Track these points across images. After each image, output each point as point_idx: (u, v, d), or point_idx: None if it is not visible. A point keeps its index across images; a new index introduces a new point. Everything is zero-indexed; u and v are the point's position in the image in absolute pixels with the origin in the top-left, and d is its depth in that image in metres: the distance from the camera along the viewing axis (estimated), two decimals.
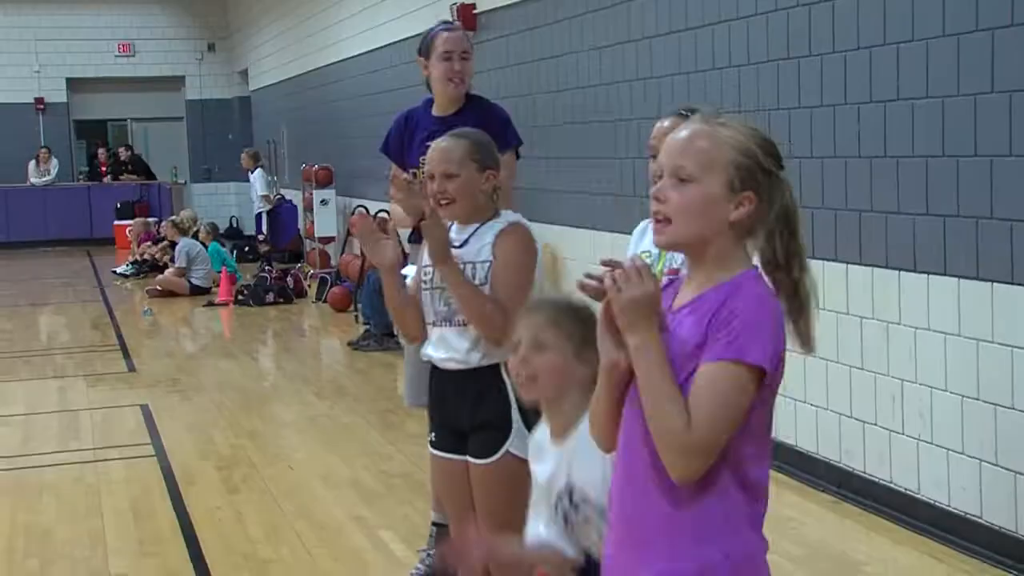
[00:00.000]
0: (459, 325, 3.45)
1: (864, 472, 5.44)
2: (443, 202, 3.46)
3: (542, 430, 2.85)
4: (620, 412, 2.29)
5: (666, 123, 3.38)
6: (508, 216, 3.53)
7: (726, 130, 2.23)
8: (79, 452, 7.06)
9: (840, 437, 5.56)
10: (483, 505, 3.44)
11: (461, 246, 3.47)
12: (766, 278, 2.25)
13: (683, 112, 3.34)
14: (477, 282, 3.42)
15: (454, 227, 3.54)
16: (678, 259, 3.08)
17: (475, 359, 3.45)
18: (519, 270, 3.45)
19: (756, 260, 2.27)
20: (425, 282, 3.51)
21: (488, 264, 3.43)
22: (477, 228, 3.48)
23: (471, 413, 3.47)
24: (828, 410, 5.65)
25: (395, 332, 4.06)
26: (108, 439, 7.36)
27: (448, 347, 3.48)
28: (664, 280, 2.36)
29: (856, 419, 5.46)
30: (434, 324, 3.51)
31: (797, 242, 2.26)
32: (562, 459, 2.71)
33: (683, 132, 2.25)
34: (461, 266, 3.42)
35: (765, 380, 2.16)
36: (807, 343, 2.30)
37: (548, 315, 2.74)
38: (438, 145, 3.53)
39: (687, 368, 2.16)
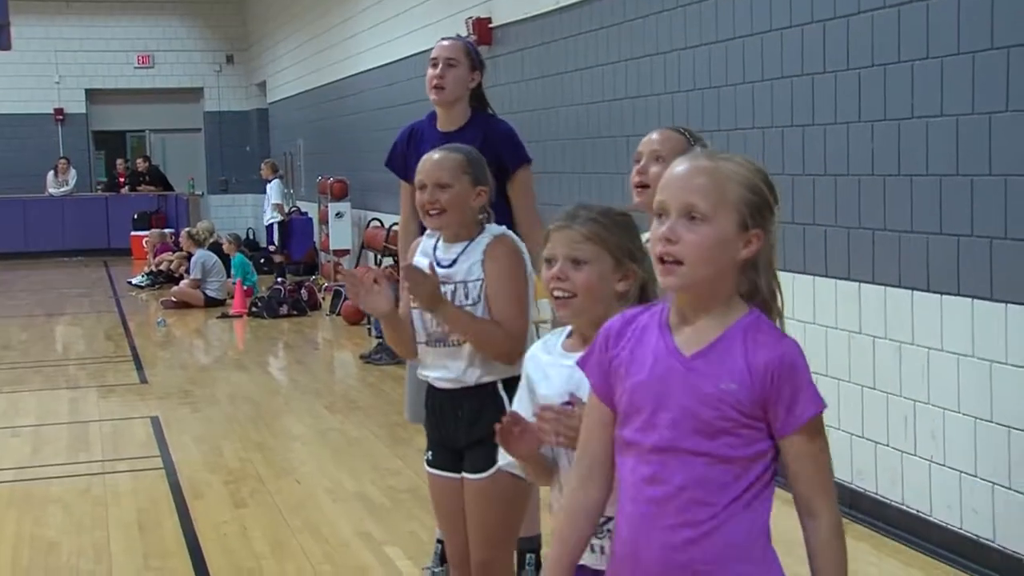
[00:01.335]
0: (453, 345, 3.42)
1: (875, 493, 5.38)
2: (432, 212, 3.44)
3: (547, 345, 2.71)
4: None
5: (655, 135, 3.35)
6: (492, 229, 3.50)
7: (731, 165, 2.16)
8: (87, 464, 7.04)
9: (852, 457, 5.50)
10: (475, 520, 3.41)
11: (450, 266, 3.43)
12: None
13: (678, 130, 3.32)
14: (471, 301, 3.38)
15: (440, 246, 3.50)
16: None
17: (472, 377, 3.42)
18: (512, 282, 3.41)
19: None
20: (415, 301, 3.48)
21: (480, 282, 3.40)
22: (465, 247, 3.45)
23: (467, 431, 3.44)
24: (839, 430, 5.58)
25: None
26: (117, 451, 7.34)
27: (443, 367, 3.45)
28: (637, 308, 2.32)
29: (868, 439, 5.40)
30: (427, 344, 3.48)
31: (775, 274, 2.23)
32: (574, 370, 2.52)
33: (685, 167, 2.16)
34: (452, 287, 3.39)
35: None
36: None
37: (586, 229, 2.58)
38: (430, 156, 3.51)
39: (724, 412, 2.13)
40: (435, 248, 3.51)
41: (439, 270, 3.42)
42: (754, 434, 2.14)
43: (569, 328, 2.69)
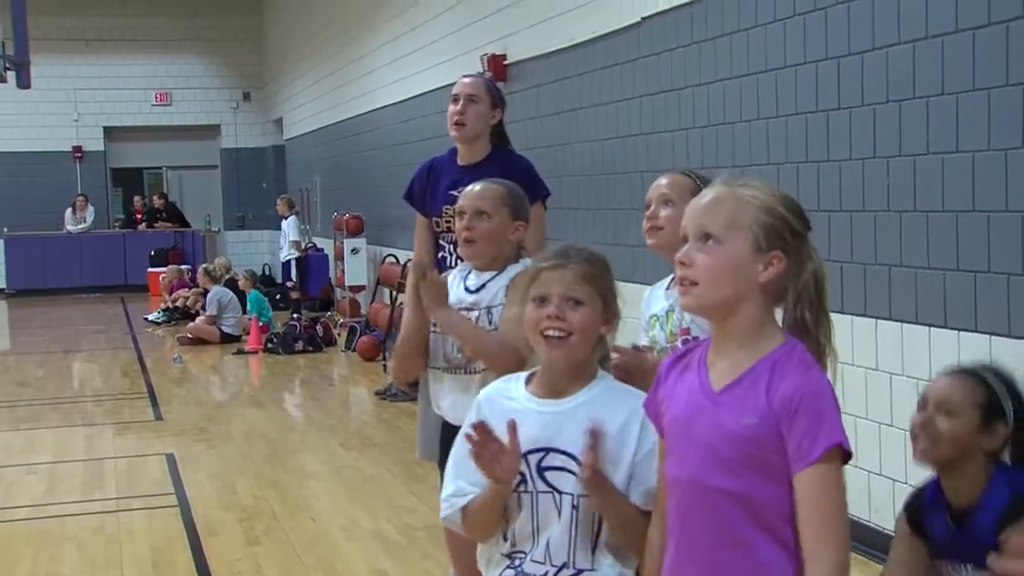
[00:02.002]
0: (472, 373, 3.40)
1: (893, 531, 5.32)
2: (467, 240, 3.43)
3: (506, 390, 2.64)
4: None
5: (663, 180, 3.33)
6: (526, 262, 3.50)
7: (748, 190, 2.19)
8: (102, 502, 7.03)
9: (870, 495, 5.46)
10: None
11: (478, 291, 3.43)
12: None
13: (685, 173, 3.31)
14: (493, 327, 3.37)
15: (472, 275, 3.50)
16: (687, 318, 3.01)
17: None
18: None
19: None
20: (435, 325, 3.47)
21: (502, 307, 3.39)
22: (495, 275, 3.45)
23: None
24: (857, 468, 5.54)
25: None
26: (132, 489, 7.33)
27: (456, 397, 3.43)
28: (678, 343, 2.32)
29: (886, 477, 5.36)
30: (445, 370, 3.46)
31: (824, 308, 2.20)
32: (557, 419, 2.52)
33: (706, 196, 2.20)
34: (477, 312, 3.38)
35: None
36: None
37: (582, 270, 2.57)
38: (474, 186, 3.52)
39: (746, 449, 2.11)
40: (466, 277, 3.50)
41: (467, 296, 3.42)
42: (777, 472, 2.10)
43: (525, 374, 2.64)
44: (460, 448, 2.57)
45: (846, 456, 2.09)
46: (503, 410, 2.57)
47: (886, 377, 5.33)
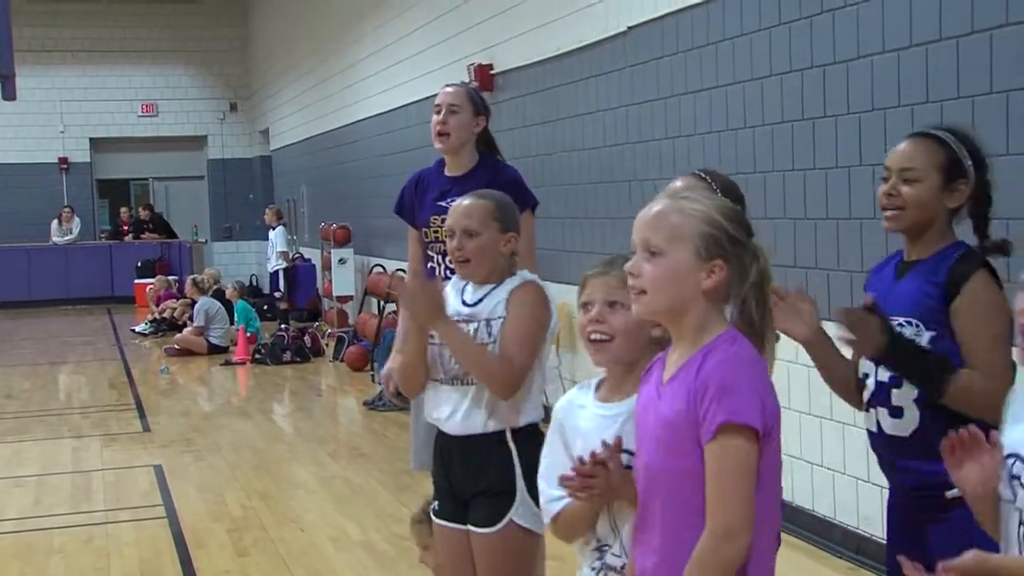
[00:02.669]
0: (469, 384, 3.39)
1: (882, 538, 5.32)
2: (460, 260, 3.44)
3: (579, 395, 2.72)
4: None
5: (678, 183, 3.34)
6: (524, 275, 3.49)
7: (690, 203, 2.33)
8: (90, 514, 7.01)
9: (858, 502, 5.47)
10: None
11: (475, 304, 3.43)
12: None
13: (699, 173, 3.31)
14: (492, 339, 3.36)
15: (469, 287, 3.50)
16: None
17: (479, 422, 3.39)
18: (527, 323, 3.37)
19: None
20: (434, 336, 3.47)
21: (501, 320, 3.38)
22: (494, 288, 3.44)
23: (474, 479, 3.40)
24: (845, 475, 5.56)
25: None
26: (120, 500, 7.31)
27: (453, 408, 3.42)
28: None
29: (874, 484, 5.36)
30: (442, 381, 3.45)
31: (767, 307, 2.36)
32: (617, 421, 2.59)
33: (651, 209, 2.36)
34: (476, 324, 3.38)
35: (761, 438, 2.22)
36: None
37: (622, 276, 2.59)
38: (461, 202, 3.50)
39: (687, 436, 2.23)
40: (463, 290, 3.50)
41: (464, 308, 3.42)
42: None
43: (597, 380, 2.72)
44: (554, 451, 2.67)
45: (753, 433, 2.20)
46: (570, 413, 2.69)
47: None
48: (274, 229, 17.14)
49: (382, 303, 12.63)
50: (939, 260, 2.93)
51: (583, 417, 2.65)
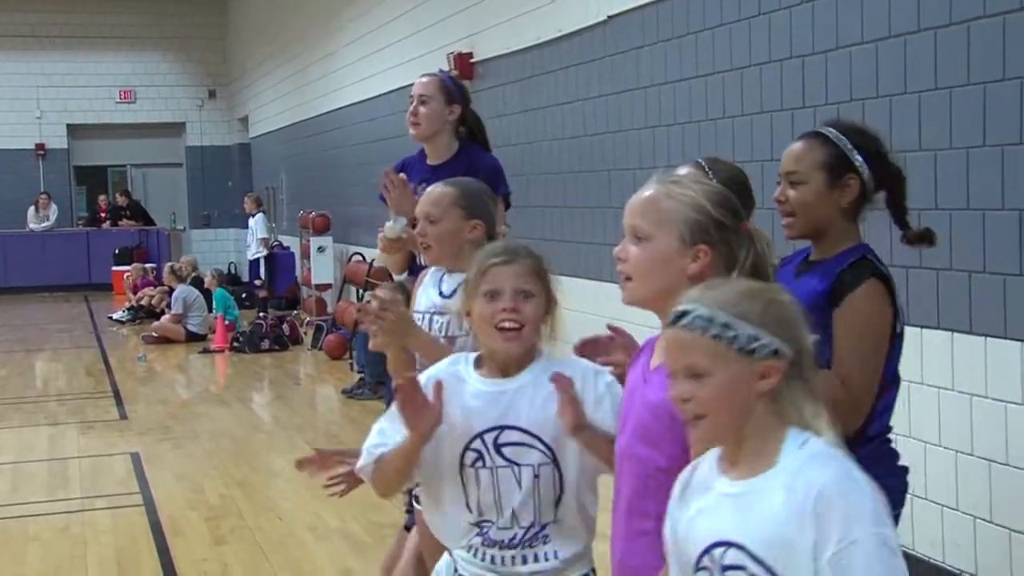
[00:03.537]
0: None
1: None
2: (423, 245, 3.46)
3: (455, 370, 2.73)
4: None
5: (682, 171, 3.34)
6: None
7: (678, 188, 2.32)
8: (66, 502, 6.99)
9: None
10: None
11: (450, 296, 3.43)
12: None
13: (700, 163, 3.31)
14: (464, 332, 3.36)
15: (446, 277, 3.50)
16: None
17: None
18: None
19: None
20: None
21: None
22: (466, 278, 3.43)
23: None
24: None
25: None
26: (97, 488, 7.29)
27: None
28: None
29: None
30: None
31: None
32: (504, 397, 2.65)
33: (641, 195, 2.35)
34: (449, 316, 3.38)
35: None
36: None
37: (532, 264, 2.72)
38: (430, 190, 3.53)
39: (665, 420, 2.19)
40: (441, 279, 3.51)
41: (440, 300, 3.43)
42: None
43: (474, 356, 2.74)
44: (391, 411, 2.69)
45: None
46: (455, 391, 2.67)
47: None
48: (254, 217, 17.09)
49: (361, 291, 12.61)
50: (833, 264, 2.88)
51: (468, 393, 2.66)
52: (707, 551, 1.92)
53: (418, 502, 3.56)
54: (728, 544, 1.90)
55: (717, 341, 1.91)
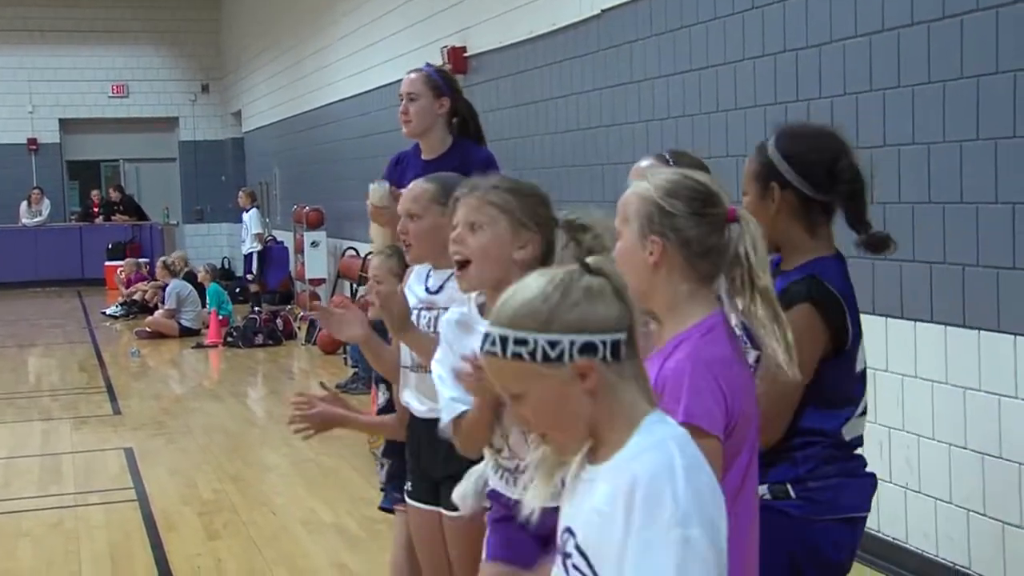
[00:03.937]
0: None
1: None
2: (404, 243, 3.46)
3: (464, 316, 2.83)
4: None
5: (643, 163, 3.33)
6: None
7: (642, 182, 2.33)
8: (60, 497, 6.98)
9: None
10: (458, 561, 3.36)
11: (436, 292, 3.42)
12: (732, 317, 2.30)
13: (664, 155, 3.31)
14: None
15: (433, 273, 3.49)
16: None
17: None
18: None
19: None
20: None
21: None
22: (452, 273, 3.43)
23: (444, 463, 3.40)
24: None
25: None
26: (90, 483, 7.28)
27: (423, 394, 3.42)
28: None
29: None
30: (411, 369, 3.45)
31: (753, 282, 2.27)
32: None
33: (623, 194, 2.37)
34: (436, 312, 3.37)
35: (715, 441, 2.15)
36: (782, 366, 2.30)
37: (485, 195, 2.69)
38: (411, 187, 3.53)
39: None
40: (427, 276, 3.50)
41: (426, 296, 3.42)
42: None
43: (481, 298, 2.76)
44: (447, 360, 2.75)
45: (705, 432, 2.12)
46: (456, 334, 2.78)
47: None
48: (247, 212, 17.07)
49: (355, 286, 12.60)
50: (787, 277, 2.82)
51: (473, 334, 2.69)
52: (562, 535, 1.91)
53: (396, 490, 3.57)
54: (569, 531, 1.88)
55: (519, 360, 1.82)
